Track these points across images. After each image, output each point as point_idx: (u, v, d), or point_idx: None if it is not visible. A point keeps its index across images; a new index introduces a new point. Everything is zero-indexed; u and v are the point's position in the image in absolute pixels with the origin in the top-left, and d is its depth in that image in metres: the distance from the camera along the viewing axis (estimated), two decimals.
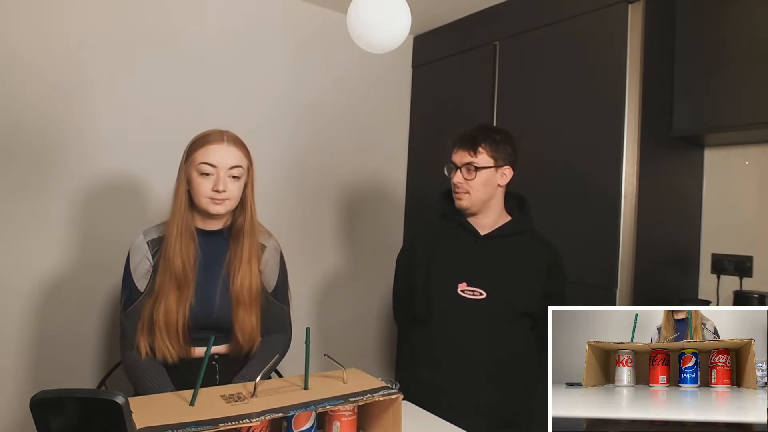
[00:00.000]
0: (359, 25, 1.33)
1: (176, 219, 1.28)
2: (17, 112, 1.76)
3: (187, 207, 1.29)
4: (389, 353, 2.69)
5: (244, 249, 1.33)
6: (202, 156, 1.25)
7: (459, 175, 1.50)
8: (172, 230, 1.27)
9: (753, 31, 1.63)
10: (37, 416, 0.72)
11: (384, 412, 1.08)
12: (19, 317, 1.79)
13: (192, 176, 1.27)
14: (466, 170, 1.49)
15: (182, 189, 1.29)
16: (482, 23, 2.34)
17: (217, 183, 1.25)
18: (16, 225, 1.77)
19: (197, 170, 1.26)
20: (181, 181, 1.29)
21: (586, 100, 1.88)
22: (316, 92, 2.41)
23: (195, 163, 1.26)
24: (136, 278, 1.30)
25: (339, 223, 2.53)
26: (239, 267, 1.32)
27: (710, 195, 1.97)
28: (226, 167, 1.26)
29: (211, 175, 1.26)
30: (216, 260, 1.33)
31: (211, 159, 1.25)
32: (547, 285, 1.50)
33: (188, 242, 1.28)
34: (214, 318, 1.30)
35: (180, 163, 1.32)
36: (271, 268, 1.42)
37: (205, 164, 1.25)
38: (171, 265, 1.26)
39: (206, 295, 1.31)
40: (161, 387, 1.22)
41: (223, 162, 1.26)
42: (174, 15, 2.05)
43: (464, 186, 1.49)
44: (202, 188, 1.26)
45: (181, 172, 1.30)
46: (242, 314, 1.31)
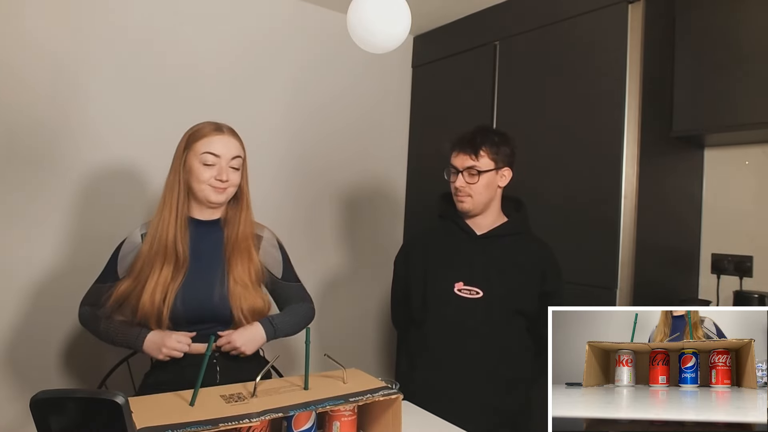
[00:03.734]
0: (359, 25, 1.33)
1: (174, 206, 1.30)
2: (13, 113, 1.76)
3: (185, 195, 1.32)
4: (389, 353, 2.70)
5: (239, 236, 1.35)
6: (205, 146, 1.29)
7: (461, 179, 1.50)
8: (169, 216, 1.29)
9: (753, 31, 1.63)
10: (37, 416, 0.72)
11: (384, 412, 1.08)
12: (18, 317, 1.79)
13: (193, 165, 1.30)
14: (468, 174, 1.48)
15: (179, 178, 1.31)
16: (482, 23, 2.34)
17: (220, 172, 1.29)
18: (12, 224, 1.77)
19: (200, 160, 1.29)
20: (177, 170, 1.31)
21: (585, 100, 1.88)
22: (316, 93, 2.41)
23: (197, 152, 1.29)
24: (119, 265, 1.35)
25: (339, 223, 2.53)
26: (239, 253, 1.34)
27: (710, 195, 1.97)
28: (228, 157, 1.31)
29: (214, 165, 1.29)
30: (213, 249, 1.35)
31: (214, 149, 1.29)
32: (543, 285, 1.50)
33: (183, 226, 1.31)
34: (212, 309, 1.30)
35: (176, 153, 1.33)
36: (273, 257, 1.44)
37: (208, 154, 1.29)
38: (170, 249, 1.27)
39: (205, 283, 1.31)
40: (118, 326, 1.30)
41: (226, 152, 1.30)
42: (176, 17, 2.05)
43: (466, 190, 1.49)
44: (204, 176, 1.29)
45: (178, 162, 1.32)
46: (244, 293, 1.32)
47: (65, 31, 1.84)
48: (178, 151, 1.33)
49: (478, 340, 1.46)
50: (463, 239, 1.53)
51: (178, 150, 1.33)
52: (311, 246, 2.43)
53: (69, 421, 0.73)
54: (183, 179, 1.31)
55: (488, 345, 1.46)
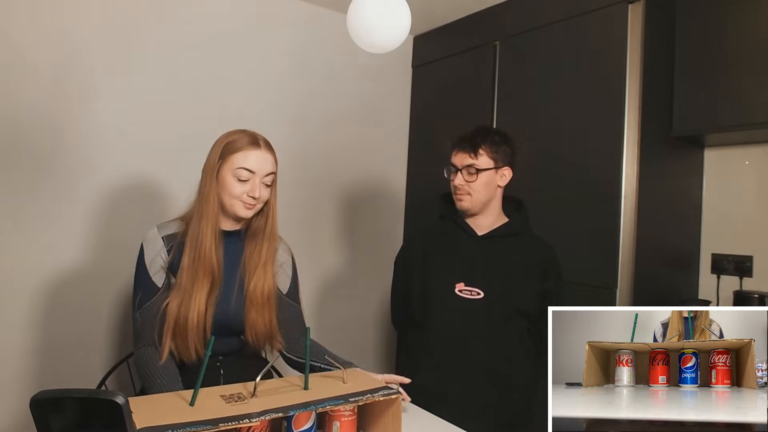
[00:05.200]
0: (359, 25, 1.33)
1: (210, 217, 1.25)
2: (20, 113, 1.76)
3: (219, 206, 1.28)
4: (389, 353, 2.69)
5: (262, 251, 1.32)
6: (241, 160, 1.24)
7: (460, 177, 1.50)
8: (207, 227, 1.25)
9: (753, 31, 1.63)
10: (37, 416, 0.72)
11: (384, 412, 1.08)
12: (21, 317, 1.79)
13: (226, 179, 1.25)
14: (467, 172, 1.49)
15: (214, 188, 1.26)
16: (482, 23, 2.33)
17: (253, 189, 1.24)
18: (19, 226, 1.77)
19: (234, 174, 1.24)
20: (211, 180, 1.26)
21: (586, 100, 1.87)
22: (316, 92, 2.41)
23: (232, 166, 1.24)
24: (152, 273, 1.27)
25: (339, 223, 2.53)
26: (255, 269, 1.31)
27: (710, 195, 1.97)
28: (263, 174, 1.26)
29: (247, 180, 1.24)
30: (233, 261, 1.32)
31: (250, 165, 1.24)
32: (543, 285, 1.50)
33: (218, 239, 1.27)
34: (230, 318, 1.29)
35: (209, 160, 1.28)
36: (285, 270, 1.41)
37: (243, 169, 1.24)
38: (209, 263, 1.24)
39: (223, 296, 1.29)
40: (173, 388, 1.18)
41: (262, 168, 1.25)
42: (176, 15, 2.05)
43: (465, 188, 1.50)
44: (236, 191, 1.24)
45: (212, 171, 1.26)
46: (254, 315, 1.30)
47: (67, 31, 1.84)
48: (211, 161, 1.27)
49: (478, 341, 1.46)
50: (464, 239, 1.53)
51: (211, 159, 1.27)
52: (311, 246, 2.43)
53: (69, 421, 0.73)
54: (216, 190, 1.27)
55: (489, 346, 1.46)
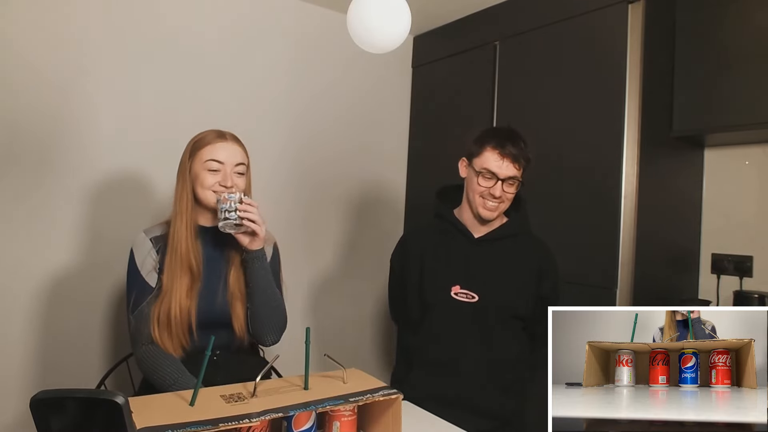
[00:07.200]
0: (359, 25, 1.33)
1: (184, 215, 1.31)
2: (17, 113, 1.76)
3: (193, 204, 1.33)
4: (388, 353, 2.69)
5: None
6: (209, 153, 1.31)
7: (499, 188, 1.43)
8: (181, 226, 1.31)
9: (753, 31, 1.63)
10: (37, 416, 0.72)
11: (384, 412, 1.08)
12: (20, 317, 1.79)
13: (198, 173, 1.31)
14: (508, 184, 1.44)
15: (187, 186, 1.33)
16: (482, 23, 2.33)
17: (225, 179, 1.31)
18: (16, 226, 1.77)
19: (204, 167, 1.30)
20: (184, 179, 1.33)
21: (586, 100, 1.87)
22: (316, 92, 2.41)
23: (202, 160, 1.31)
24: (144, 274, 1.32)
25: (338, 223, 2.53)
26: (237, 261, 1.36)
27: (710, 195, 1.97)
28: (232, 164, 1.32)
29: (219, 171, 1.31)
30: (216, 255, 1.37)
31: (218, 156, 1.31)
32: (540, 287, 1.49)
33: (195, 238, 1.33)
34: (216, 313, 1.33)
35: (181, 162, 1.35)
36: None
37: (212, 161, 1.30)
38: (185, 259, 1.29)
39: (209, 291, 1.34)
40: (180, 374, 1.24)
41: (231, 159, 1.32)
42: (175, 15, 2.05)
43: (500, 198, 1.45)
44: (208, 182, 1.30)
45: (184, 171, 1.34)
46: (239, 308, 1.35)
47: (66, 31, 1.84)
48: (183, 160, 1.35)
49: (473, 344, 1.46)
50: (461, 242, 1.52)
51: (183, 159, 1.35)
52: (310, 246, 2.43)
53: (69, 421, 0.73)
54: (189, 187, 1.33)
55: (483, 348, 1.46)
